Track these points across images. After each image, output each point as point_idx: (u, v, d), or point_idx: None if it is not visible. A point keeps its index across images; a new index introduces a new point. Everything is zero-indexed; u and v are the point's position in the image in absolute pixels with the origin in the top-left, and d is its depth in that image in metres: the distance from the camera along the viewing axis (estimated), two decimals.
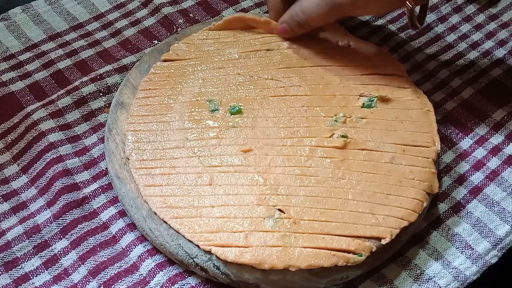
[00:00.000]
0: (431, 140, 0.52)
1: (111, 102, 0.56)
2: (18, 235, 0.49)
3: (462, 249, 0.49)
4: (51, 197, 0.51)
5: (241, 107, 0.53)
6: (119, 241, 0.49)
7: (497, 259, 0.49)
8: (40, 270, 0.47)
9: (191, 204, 0.47)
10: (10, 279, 0.47)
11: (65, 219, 0.49)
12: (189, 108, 0.53)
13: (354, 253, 0.45)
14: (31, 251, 0.48)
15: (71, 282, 0.47)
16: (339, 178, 0.49)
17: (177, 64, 0.57)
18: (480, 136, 0.57)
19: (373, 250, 0.46)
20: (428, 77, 0.61)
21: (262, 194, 0.48)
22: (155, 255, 0.48)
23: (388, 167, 0.50)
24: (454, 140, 0.56)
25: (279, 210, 0.47)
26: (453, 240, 0.50)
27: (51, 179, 0.51)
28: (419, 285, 0.47)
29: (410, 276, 0.48)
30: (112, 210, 0.51)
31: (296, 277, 0.45)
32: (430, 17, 0.67)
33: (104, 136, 0.54)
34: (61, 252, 0.48)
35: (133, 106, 0.54)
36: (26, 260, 0.48)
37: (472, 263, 0.49)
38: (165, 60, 0.57)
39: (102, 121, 0.56)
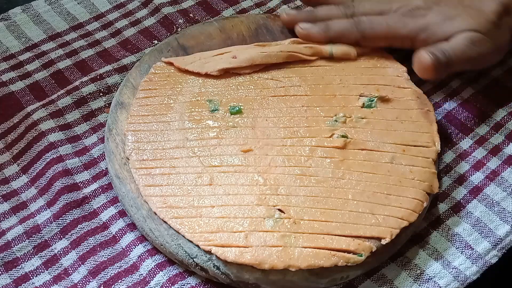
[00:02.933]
0: (431, 140, 0.52)
1: (111, 102, 0.56)
2: (18, 235, 0.49)
3: (462, 249, 0.49)
4: (51, 197, 0.51)
5: (241, 107, 0.53)
6: (119, 241, 0.49)
7: (497, 259, 0.49)
8: (40, 270, 0.47)
9: (191, 204, 0.47)
10: (10, 279, 0.47)
11: (65, 219, 0.49)
12: (189, 108, 0.53)
13: (354, 253, 0.45)
14: (31, 251, 0.48)
15: (71, 282, 0.47)
16: (339, 178, 0.49)
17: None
18: (480, 136, 0.57)
19: (373, 250, 0.46)
20: None
21: (262, 194, 0.48)
22: (155, 255, 0.48)
23: (388, 167, 0.50)
24: (454, 140, 0.56)
25: (279, 210, 0.47)
26: (453, 240, 0.50)
27: (51, 179, 0.51)
28: (419, 285, 0.47)
29: (410, 276, 0.48)
30: (112, 210, 0.51)
31: (296, 277, 0.45)
32: None
33: (104, 136, 0.54)
34: (61, 252, 0.48)
35: (133, 106, 0.54)
36: (26, 260, 0.48)
37: (472, 263, 0.49)
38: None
39: (102, 121, 0.56)
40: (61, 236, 0.49)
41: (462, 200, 0.52)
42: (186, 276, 0.47)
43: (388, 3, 0.57)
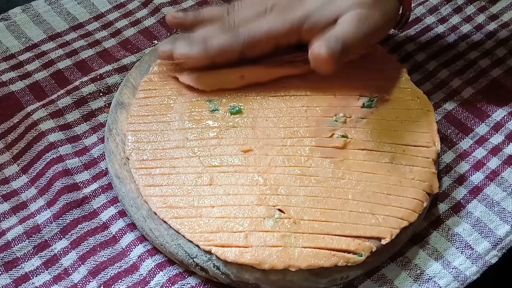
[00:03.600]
0: (431, 140, 0.52)
1: (111, 102, 0.56)
2: (18, 235, 0.49)
3: (462, 249, 0.49)
4: (51, 197, 0.51)
5: (241, 107, 0.53)
6: (119, 241, 0.49)
7: (497, 259, 0.49)
8: (40, 270, 0.47)
9: (191, 204, 0.47)
10: (10, 279, 0.47)
11: (65, 219, 0.49)
12: (189, 108, 0.53)
13: (354, 253, 0.45)
14: (31, 251, 0.48)
15: (71, 282, 0.47)
16: (339, 178, 0.49)
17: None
18: (480, 136, 0.57)
19: (373, 250, 0.46)
20: (428, 77, 0.61)
21: (262, 194, 0.48)
22: (155, 255, 0.48)
23: (388, 167, 0.50)
24: (454, 140, 0.56)
25: (279, 210, 0.47)
26: (453, 240, 0.50)
27: (51, 179, 0.51)
28: (419, 285, 0.47)
29: (410, 276, 0.48)
30: (112, 210, 0.51)
31: (296, 277, 0.45)
32: (430, 19, 0.67)
33: (104, 136, 0.54)
34: (61, 252, 0.48)
35: (133, 106, 0.54)
36: (26, 260, 0.48)
37: (472, 263, 0.49)
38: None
39: (102, 121, 0.56)
40: (61, 236, 0.49)
41: (462, 200, 0.52)
42: (186, 276, 0.47)
43: (262, 3, 0.53)
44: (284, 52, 0.54)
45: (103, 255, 0.48)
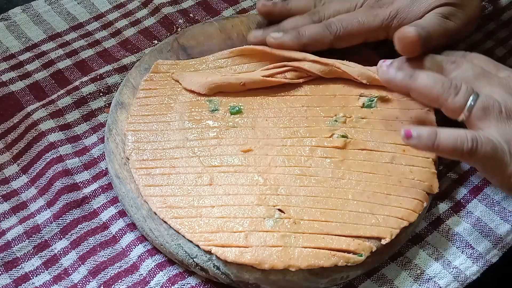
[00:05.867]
0: None
1: (111, 102, 0.56)
2: (18, 235, 0.49)
3: (463, 248, 0.49)
4: (51, 197, 0.51)
5: (241, 107, 0.53)
6: (119, 241, 0.49)
7: (497, 258, 0.49)
8: (40, 270, 0.47)
9: (191, 204, 0.47)
10: (10, 279, 0.47)
11: (65, 219, 0.49)
12: (189, 108, 0.53)
13: (354, 253, 0.45)
14: (31, 251, 0.48)
15: (71, 282, 0.47)
16: (339, 178, 0.49)
17: (177, 64, 0.57)
18: None
19: (373, 250, 0.46)
20: None
21: (262, 194, 0.48)
22: (155, 255, 0.48)
23: (388, 167, 0.50)
24: None
25: (279, 210, 0.47)
26: (454, 240, 0.50)
27: (51, 179, 0.51)
28: (419, 285, 0.47)
29: (410, 276, 0.48)
30: (112, 210, 0.51)
31: (296, 277, 0.45)
32: None
33: (104, 136, 0.54)
34: (61, 252, 0.48)
35: (133, 106, 0.54)
36: (26, 260, 0.48)
37: (472, 262, 0.49)
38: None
39: (102, 121, 0.56)
40: (61, 236, 0.49)
41: (462, 200, 0.52)
42: (186, 276, 0.47)
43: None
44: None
45: (103, 255, 0.48)
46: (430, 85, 0.49)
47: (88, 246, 0.48)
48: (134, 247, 0.49)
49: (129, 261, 0.48)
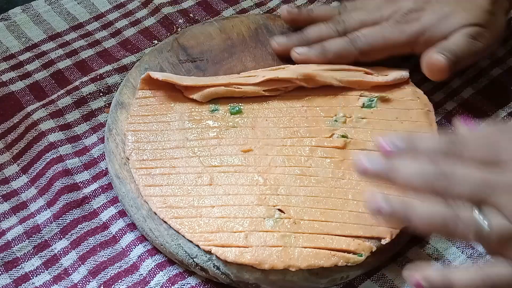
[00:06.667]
0: None
1: (111, 102, 0.56)
2: (18, 235, 0.49)
3: (463, 248, 0.49)
4: (51, 197, 0.51)
5: (241, 107, 0.53)
6: (119, 241, 0.49)
7: None
8: (40, 270, 0.47)
9: (191, 204, 0.47)
10: (10, 279, 0.47)
11: (65, 219, 0.49)
12: (189, 108, 0.53)
13: (354, 253, 0.45)
14: (31, 251, 0.48)
15: (71, 282, 0.47)
16: (339, 178, 0.49)
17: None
18: None
19: (373, 250, 0.46)
20: None
21: (262, 194, 0.48)
22: (155, 255, 0.48)
23: None
24: None
25: (279, 210, 0.47)
26: (454, 240, 0.50)
27: (51, 179, 0.51)
28: None
29: None
30: (112, 210, 0.51)
31: (296, 277, 0.45)
32: None
33: (104, 136, 0.54)
34: (61, 252, 0.48)
35: (133, 106, 0.54)
36: (26, 260, 0.48)
37: (473, 262, 0.48)
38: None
39: (102, 121, 0.56)
40: (61, 236, 0.49)
41: None
42: (186, 276, 0.47)
43: (377, 10, 0.56)
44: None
45: (103, 255, 0.48)
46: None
47: (88, 246, 0.48)
48: (134, 247, 0.49)
49: (129, 261, 0.48)
